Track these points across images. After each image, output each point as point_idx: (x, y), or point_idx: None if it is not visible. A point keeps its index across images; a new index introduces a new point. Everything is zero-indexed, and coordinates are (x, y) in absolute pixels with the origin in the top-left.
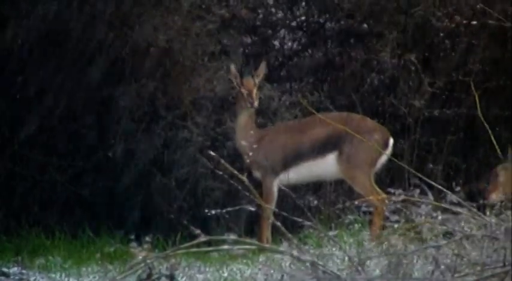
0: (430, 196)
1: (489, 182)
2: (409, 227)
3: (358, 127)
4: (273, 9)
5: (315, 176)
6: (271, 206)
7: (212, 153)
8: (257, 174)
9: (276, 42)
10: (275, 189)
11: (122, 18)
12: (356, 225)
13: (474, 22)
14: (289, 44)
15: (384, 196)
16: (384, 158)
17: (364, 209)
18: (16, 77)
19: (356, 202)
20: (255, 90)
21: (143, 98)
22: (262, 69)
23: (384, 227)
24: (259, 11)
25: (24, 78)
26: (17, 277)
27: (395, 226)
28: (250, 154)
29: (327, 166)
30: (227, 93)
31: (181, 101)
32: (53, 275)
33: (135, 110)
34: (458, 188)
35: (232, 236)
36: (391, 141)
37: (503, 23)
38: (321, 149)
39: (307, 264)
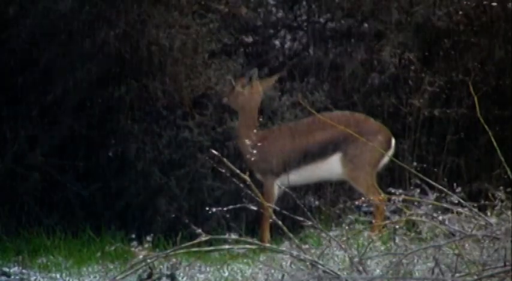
0: (431, 196)
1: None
2: (410, 227)
3: (362, 128)
4: (274, 9)
5: (317, 178)
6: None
7: (214, 151)
8: (258, 175)
9: (277, 42)
10: (275, 190)
11: (122, 16)
12: (357, 225)
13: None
14: (290, 43)
15: (385, 196)
16: (386, 159)
17: (365, 209)
18: (16, 77)
19: (357, 202)
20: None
21: (144, 98)
22: (273, 79)
23: (384, 227)
24: (260, 10)
25: (24, 78)
26: (17, 277)
27: (396, 226)
28: (253, 153)
29: (330, 167)
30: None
31: (182, 100)
32: (54, 275)
33: (136, 110)
34: (459, 188)
35: (233, 236)
36: (393, 142)
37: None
38: (324, 150)
39: (308, 264)
